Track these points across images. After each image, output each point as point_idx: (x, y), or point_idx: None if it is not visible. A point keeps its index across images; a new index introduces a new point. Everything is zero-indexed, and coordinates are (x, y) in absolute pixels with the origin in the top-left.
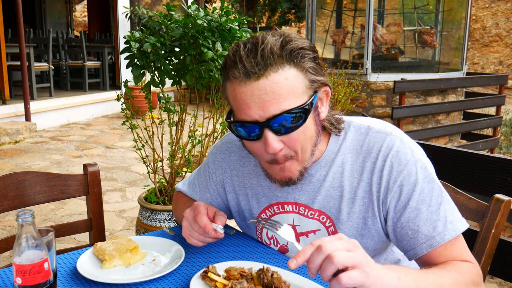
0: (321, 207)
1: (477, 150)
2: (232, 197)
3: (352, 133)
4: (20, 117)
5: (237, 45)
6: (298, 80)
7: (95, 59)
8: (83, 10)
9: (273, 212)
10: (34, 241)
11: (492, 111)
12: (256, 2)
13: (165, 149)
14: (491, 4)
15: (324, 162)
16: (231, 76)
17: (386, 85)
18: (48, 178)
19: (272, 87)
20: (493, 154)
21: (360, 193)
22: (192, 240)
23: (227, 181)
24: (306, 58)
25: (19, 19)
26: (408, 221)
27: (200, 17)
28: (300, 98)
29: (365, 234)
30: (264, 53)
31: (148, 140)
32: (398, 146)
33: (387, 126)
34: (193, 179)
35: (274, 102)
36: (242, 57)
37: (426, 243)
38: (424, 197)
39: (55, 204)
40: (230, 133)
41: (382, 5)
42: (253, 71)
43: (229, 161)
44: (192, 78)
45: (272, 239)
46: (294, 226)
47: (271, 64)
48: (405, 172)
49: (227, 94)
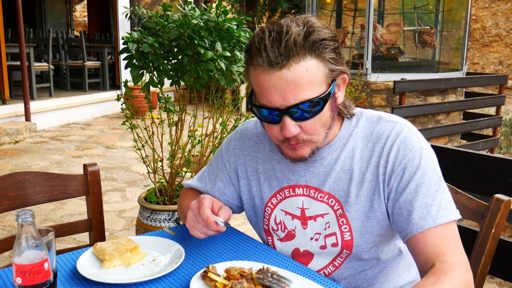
0: (331, 189)
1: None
2: (244, 184)
3: (364, 121)
4: (20, 117)
5: (262, 32)
6: (318, 71)
7: (95, 59)
8: (83, 10)
9: (283, 196)
10: (34, 241)
11: (492, 111)
12: (256, 2)
13: (165, 149)
14: (491, 4)
15: (336, 146)
16: (255, 63)
17: (386, 85)
18: (48, 178)
19: (293, 78)
20: (493, 154)
21: (368, 176)
22: (195, 232)
23: (240, 167)
24: (327, 49)
25: (19, 19)
26: (405, 201)
27: (195, 17)
28: (319, 87)
29: (371, 217)
30: (287, 44)
31: (148, 140)
32: (406, 132)
33: (397, 117)
34: (202, 173)
35: (294, 92)
36: (267, 47)
37: (418, 224)
38: (423, 181)
39: (55, 204)
40: (245, 122)
41: (382, 5)
42: (276, 61)
43: (243, 147)
44: (191, 78)
45: (280, 224)
46: (304, 210)
47: (294, 55)
48: (409, 156)
49: (250, 77)
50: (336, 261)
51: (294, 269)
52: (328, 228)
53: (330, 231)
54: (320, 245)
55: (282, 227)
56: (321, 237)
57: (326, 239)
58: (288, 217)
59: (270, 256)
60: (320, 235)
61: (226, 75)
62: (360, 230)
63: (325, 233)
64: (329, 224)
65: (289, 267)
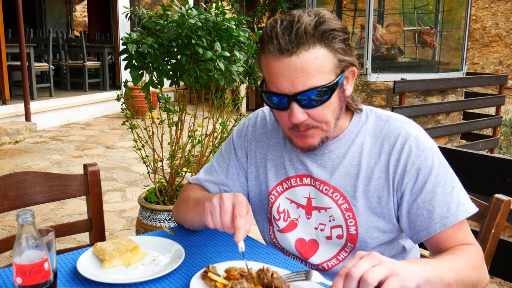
0: (337, 183)
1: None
2: (252, 170)
3: (373, 118)
4: (20, 117)
5: (274, 21)
6: (327, 60)
7: (95, 59)
8: (83, 10)
9: (289, 185)
10: (34, 241)
11: (492, 111)
12: (256, 2)
13: (165, 149)
14: (491, 4)
15: (345, 140)
16: (266, 50)
17: (386, 85)
18: (48, 178)
19: (302, 65)
20: (493, 154)
21: (377, 173)
22: (209, 220)
23: (251, 153)
24: (337, 39)
25: (19, 19)
26: (424, 202)
27: (193, 16)
28: (327, 76)
29: (378, 213)
30: (298, 31)
31: (148, 140)
32: (417, 133)
33: (405, 118)
34: (210, 165)
35: (302, 79)
36: (278, 34)
37: (440, 223)
38: (439, 180)
39: (55, 204)
40: (258, 109)
41: (382, 5)
42: (287, 48)
43: (256, 133)
44: (190, 78)
45: (282, 213)
46: (310, 199)
47: (303, 43)
48: (422, 157)
49: (261, 65)
50: (340, 255)
51: (294, 269)
52: (333, 220)
53: (336, 223)
54: (326, 235)
55: (285, 216)
56: (327, 227)
57: (332, 230)
58: (293, 205)
59: (270, 256)
60: (325, 226)
61: (225, 75)
62: (365, 225)
63: (330, 225)
64: (333, 217)
65: (289, 267)
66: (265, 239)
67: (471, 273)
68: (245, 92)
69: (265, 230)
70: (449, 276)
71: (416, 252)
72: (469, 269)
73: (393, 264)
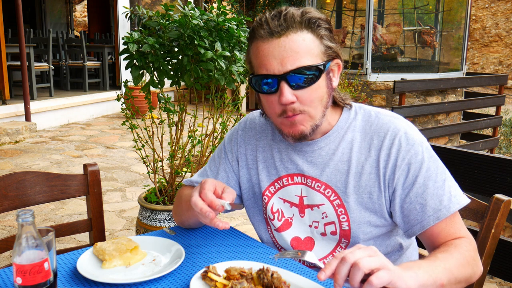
0: (328, 180)
1: (477, 150)
2: (244, 173)
3: (362, 114)
4: (20, 117)
5: (263, 13)
6: (314, 44)
7: (95, 59)
8: (83, 10)
9: (281, 185)
10: (34, 241)
11: (492, 111)
12: (256, 2)
13: (165, 149)
14: (491, 4)
15: (334, 136)
16: (257, 35)
17: (386, 85)
18: (48, 178)
19: (290, 45)
20: (493, 154)
21: (367, 168)
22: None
23: (241, 156)
24: (322, 27)
25: (19, 19)
26: (417, 196)
27: (195, 17)
28: (315, 58)
29: (369, 208)
30: (286, 17)
31: (148, 140)
32: (406, 128)
33: (394, 113)
34: (203, 169)
35: (291, 58)
36: (268, 19)
37: (434, 216)
38: (430, 174)
39: (55, 204)
40: (249, 113)
41: (382, 5)
42: (276, 30)
43: (246, 136)
44: (190, 78)
45: (276, 213)
46: (302, 198)
47: (292, 27)
48: (412, 151)
49: (250, 56)
50: (337, 251)
51: (294, 269)
52: (326, 217)
53: (329, 220)
54: (321, 232)
55: (279, 215)
56: (320, 224)
57: (325, 227)
58: (286, 204)
59: (270, 256)
60: (319, 223)
61: (226, 75)
62: (358, 221)
63: (324, 222)
64: (326, 214)
65: (289, 267)
66: (263, 240)
67: (464, 270)
68: (245, 92)
69: (262, 231)
70: (442, 277)
71: (414, 250)
72: (462, 266)
73: (388, 261)
